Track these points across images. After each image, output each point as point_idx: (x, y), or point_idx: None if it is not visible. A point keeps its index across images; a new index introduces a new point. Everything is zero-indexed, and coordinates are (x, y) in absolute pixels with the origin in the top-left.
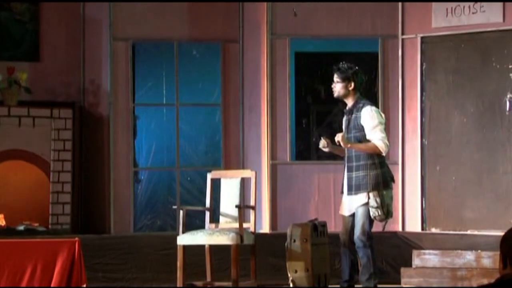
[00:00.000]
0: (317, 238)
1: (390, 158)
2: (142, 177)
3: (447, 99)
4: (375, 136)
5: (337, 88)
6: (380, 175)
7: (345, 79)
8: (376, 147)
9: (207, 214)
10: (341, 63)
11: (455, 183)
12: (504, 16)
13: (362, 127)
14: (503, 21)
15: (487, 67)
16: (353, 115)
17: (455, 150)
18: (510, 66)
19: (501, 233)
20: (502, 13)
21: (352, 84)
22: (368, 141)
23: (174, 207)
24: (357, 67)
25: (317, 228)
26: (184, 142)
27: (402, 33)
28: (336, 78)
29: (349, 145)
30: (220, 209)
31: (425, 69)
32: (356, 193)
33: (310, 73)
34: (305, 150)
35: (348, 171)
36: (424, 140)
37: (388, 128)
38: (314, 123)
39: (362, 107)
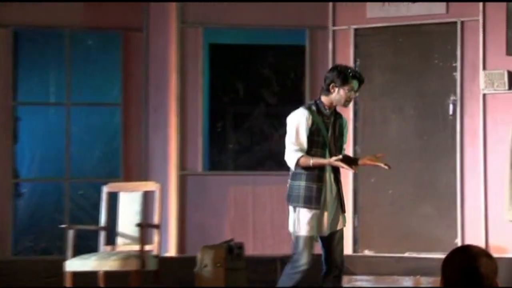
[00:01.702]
0: (233, 262)
1: None
2: (24, 190)
3: (383, 100)
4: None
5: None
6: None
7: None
8: None
9: (102, 234)
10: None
11: (392, 197)
12: (448, 7)
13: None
14: (447, 13)
15: (428, 64)
16: (337, 121)
17: (393, 159)
18: (454, 64)
19: (443, 255)
20: (446, 4)
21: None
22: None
23: (62, 226)
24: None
25: (232, 251)
26: (75, 149)
27: (333, 24)
28: (357, 87)
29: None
30: (118, 228)
31: (358, 66)
32: (344, 211)
33: (227, 68)
34: (220, 159)
35: (336, 183)
36: (356, 147)
37: None
38: (231, 126)
39: (340, 114)
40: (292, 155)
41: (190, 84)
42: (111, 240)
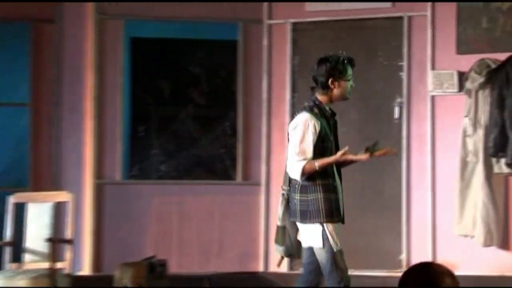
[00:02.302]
0: (155, 281)
1: (252, 178)
2: None
3: None
4: None
5: None
6: None
7: None
8: None
9: (8, 250)
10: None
11: None
12: (394, 1)
13: None
14: (393, 6)
15: (372, 63)
16: (333, 121)
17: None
18: (400, 63)
19: (387, 273)
20: None
21: None
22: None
23: None
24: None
25: (154, 269)
26: None
27: (269, 18)
28: (352, 72)
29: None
30: (26, 243)
31: (296, 64)
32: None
33: (151, 65)
34: (142, 166)
35: (338, 193)
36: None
37: (248, 138)
38: (155, 130)
39: (334, 112)
40: (295, 166)
41: (108, 82)
42: (17, 257)
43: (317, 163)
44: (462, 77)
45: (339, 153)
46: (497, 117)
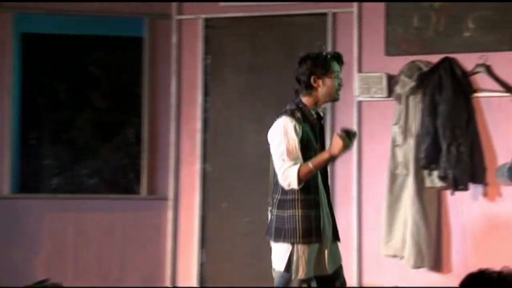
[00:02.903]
0: None
1: (158, 192)
2: None
3: (240, 108)
4: None
5: None
6: None
7: None
8: None
9: None
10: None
11: (250, 227)
12: None
13: None
14: (316, 1)
15: (293, 64)
16: (322, 127)
17: (251, 180)
18: None
19: None
20: None
21: None
22: None
23: None
24: None
25: None
26: None
27: (178, 13)
28: (339, 69)
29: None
30: None
31: (209, 64)
32: (339, 239)
33: (44, 64)
34: (33, 179)
35: (329, 205)
36: (206, 165)
37: (154, 147)
38: (49, 138)
39: (321, 116)
40: (289, 173)
41: None
42: None
43: (311, 163)
44: (392, 81)
45: (336, 143)
46: (429, 125)
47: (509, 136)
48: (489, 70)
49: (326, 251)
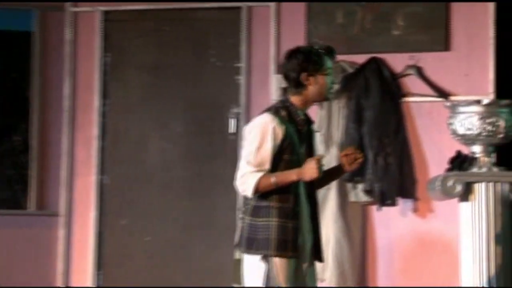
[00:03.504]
0: None
1: (48, 206)
2: None
3: (141, 112)
4: None
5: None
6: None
7: None
8: None
9: None
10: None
11: (151, 246)
12: None
13: None
14: None
15: (202, 64)
16: (310, 130)
17: (154, 194)
18: (237, 64)
19: None
20: None
21: None
22: None
23: None
24: None
25: None
26: None
27: (73, 4)
28: (331, 65)
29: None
30: None
31: (108, 63)
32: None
33: None
34: None
35: (314, 220)
36: (104, 177)
37: (45, 156)
38: None
39: (310, 118)
40: (247, 179)
41: None
42: None
43: (275, 178)
44: None
45: (309, 168)
46: (354, 133)
47: (442, 145)
48: (420, 72)
49: (304, 271)
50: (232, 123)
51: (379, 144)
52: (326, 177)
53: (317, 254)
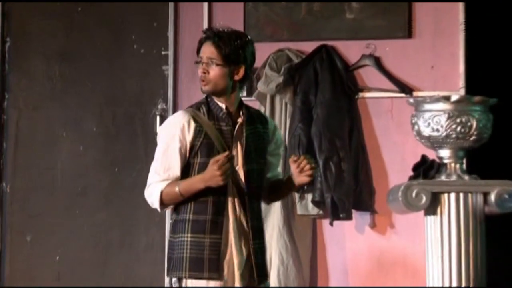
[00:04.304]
0: None
1: None
2: None
3: (50, 108)
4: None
5: (212, 76)
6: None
7: (230, 60)
8: None
9: None
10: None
11: (61, 267)
12: None
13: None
14: None
15: (122, 51)
16: (254, 128)
17: (65, 205)
18: (163, 52)
19: None
20: None
21: (241, 72)
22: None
23: None
24: (248, 37)
25: None
26: None
27: None
28: (211, 52)
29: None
30: None
31: (9, 50)
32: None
33: None
34: None
35: (255, 232)
36: (3, 185)
37: None
38: None
39: (263, 116)
40: (153, 190)
41: None
42: None
43: (179, 187)
44: (252, 75)
45: (210, 169)
46: (302, 135)
47: (404, 149)
48: (378, 63)
49: None
50: (157, 121)
51: (330, 147)
52: (275, 188)
53: (261, 273)
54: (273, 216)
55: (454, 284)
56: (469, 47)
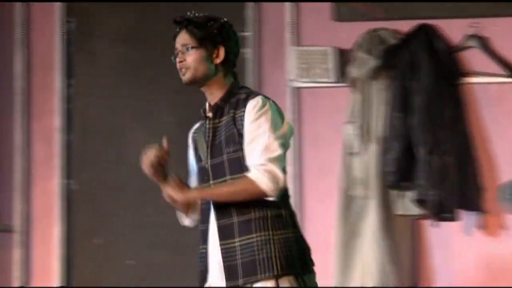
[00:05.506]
0: None
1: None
2: None
3: (117, 96)
4: (257, 156)
5: (189, 61)
6: (294, 243)
7: (207, 42)
8: (252, 184)
9: None
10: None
11: (134, 272)
12: None
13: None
14: None
15: None
16: (225, 118)
17: (137, 203)
18: (242, 33)
19: None
20: None
21: (221, 53)
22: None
23: None
24: (224, 18)
25: None
26: None
27: None
28: (185, 39)
29: (196, 195)
30: None
31: (73, 31)
32: (248, 281)
33: None
34: None
35: (222, 238)
36: (71, 181)
37: None
38: None
39: (245, 100)
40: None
41: None
42: None
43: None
44: (343, 58)
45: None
46: (400, 125)
47: None
48: (484, 44)
49: None
50: None
51: (432, 139)
52: None
53: (230, 278)
54: (370, 217)
55: None
56: None
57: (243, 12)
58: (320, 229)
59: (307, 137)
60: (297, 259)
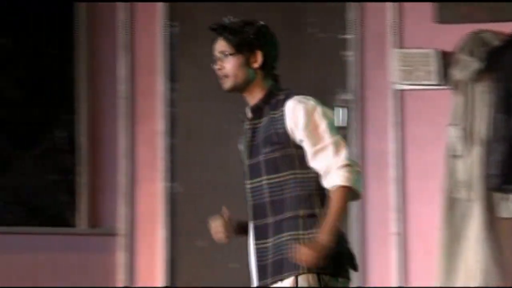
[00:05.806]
0: None
1: (103, 223)
2: None
3: (220, 99)
4: (332, 158)
5: (228, 68)
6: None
7: (243, 47)
8: (346, 189)
9: None
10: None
11: (238, 276)
12: None
13: (285, 138)
14: None
15: (298, 35)
16: (264, 119)
17: (241, 205)
18: (345, 36)
19: None
20: None
21: (259, 58)
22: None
23: None
24: (261, 22)
25: None
26: None
27: None
28: (222, 46)
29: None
30: None
31: (177, 33)
32: (275, 279)
33: None
34: None
35: (257, 238)
36: (174, 184)
37: (96, 157)
38: None
39: (284, 100)
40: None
41: None
42: None
43: None
44: (445, 60)
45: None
46: (503, 127)
47: None
48: None
49: None
50: (340, 114)
51: None
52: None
53: (262, 277)
54: (474, 220)
55: None
56: None
57: (344, 15)
58: (424, 232)
59: (410, 139)
60: (325, 259)
